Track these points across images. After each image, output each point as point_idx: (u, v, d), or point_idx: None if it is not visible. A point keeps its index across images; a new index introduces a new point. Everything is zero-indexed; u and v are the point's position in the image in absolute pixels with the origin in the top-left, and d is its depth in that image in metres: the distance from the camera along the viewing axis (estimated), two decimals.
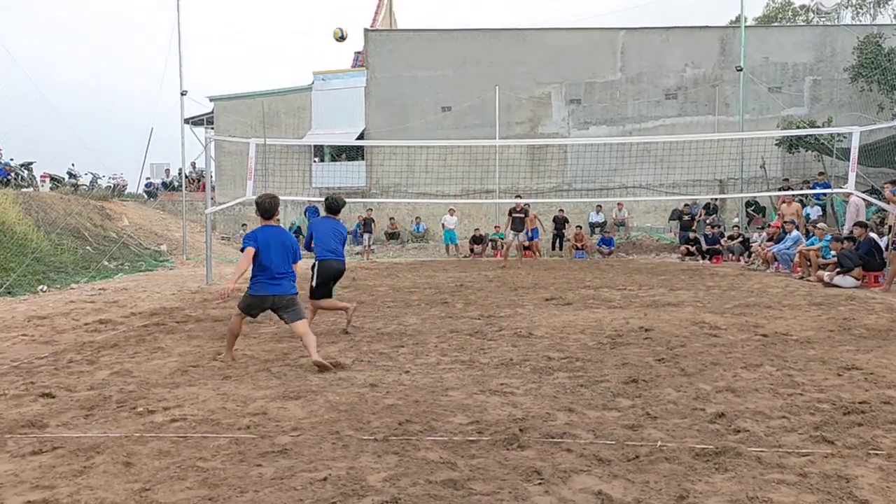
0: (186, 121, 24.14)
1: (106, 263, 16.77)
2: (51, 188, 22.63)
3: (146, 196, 28.51)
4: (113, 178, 26.94)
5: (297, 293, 6.39)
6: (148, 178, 30.06)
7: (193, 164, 28.80)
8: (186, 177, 24.64)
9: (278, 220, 6.54)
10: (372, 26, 28.56)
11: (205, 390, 5.24)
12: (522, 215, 17.88)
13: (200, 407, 4.78)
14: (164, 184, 29.55)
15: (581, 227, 21.96)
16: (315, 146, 26.14)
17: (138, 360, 6.42)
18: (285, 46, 75.14)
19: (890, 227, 12.24)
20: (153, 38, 68.85)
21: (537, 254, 21.03)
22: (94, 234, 19.01)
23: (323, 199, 9.03)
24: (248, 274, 6.25)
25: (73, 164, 25.70)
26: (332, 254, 7.84)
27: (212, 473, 3.55)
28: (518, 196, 18.83)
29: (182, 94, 21.05)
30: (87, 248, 17.61)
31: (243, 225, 26.42)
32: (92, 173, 26.24)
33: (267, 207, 6.37)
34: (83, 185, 24.98)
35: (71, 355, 6.67)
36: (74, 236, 17.74)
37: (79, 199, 21.18)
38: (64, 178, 24.72)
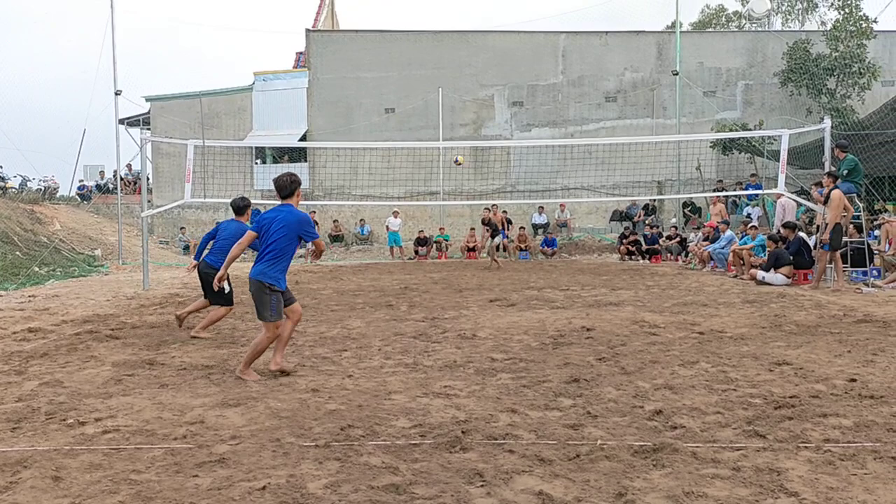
0: (121, 121, 23.47)
1: (36, 269, 16.14)
2: None
3: (79, 199, 27.57)
4: (44, 181, 26.00)
5: (265, 282, 5.71)
6: (81, 181, 29.10)
7: (129, 166, 28.01)
8: (122, 179, 23.94)
9: (298, 200, 6.04)
10: (314, 27, 28.27)
11: (140, 400, 5.09)
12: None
13: (135, 417, 4.64)
14: (98, 186, 28.63)
15: (524, 229, 22.17)
16: (256, 148, 25.73)
17: (69, 369, 6.19)
18: (224, 46, 73.69)
19: (818, 226, 12.73)
20: (85, 34, 66.57)
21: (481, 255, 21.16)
22: (24, 238, 18.28)
23: (263, 202, 8.88)
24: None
25: (0, 167, 24.74)
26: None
27: (146, 486, 3.44)
28: (486, 209, 19.05)
29: (116, 94, 20.45)
30: (17, 253, 16.92)
31: (181, 228, 25.84)
32: (21, 175, 25.33)
33: (279, 186, 5.92)
34: (12, 187, 24.06)
35: None
36: (3, 241, 17.03)
37: (7, 202, 20.35)
38: None
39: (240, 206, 7.93)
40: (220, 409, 4.80)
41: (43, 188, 25.50)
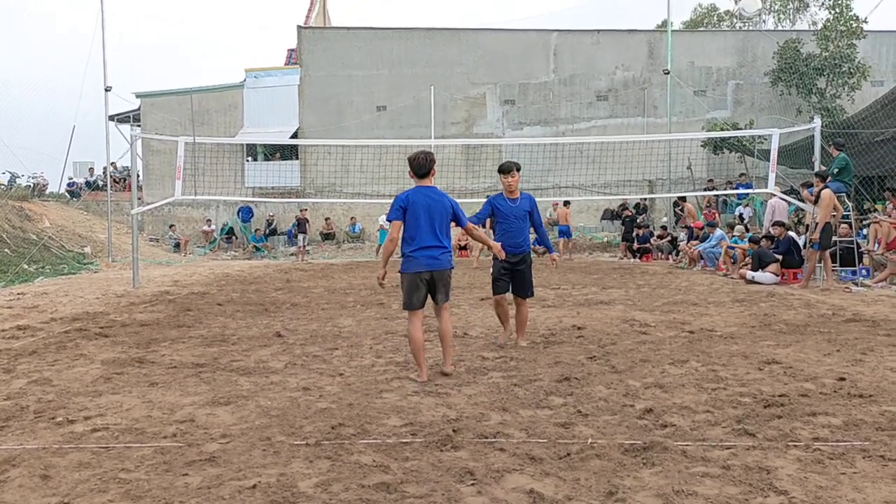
0: (111, 118, 23.35)
1: (25, 267, 16.04)
2: None
3: (69, 196, 27.42)
4: (33, 178, 25.86)
5: (453, 268, 5.74)
6: (70, 178, 28.94)
7: (114, 164, 27.80)
8: (111, 176, 23.82)
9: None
10: (305, 24, 28.18)
11: (129, 398, 5.06)
12: None
13: (124, 415, 4.62)
14: (87, 183, 28.47)
15: None
16: (247, 145, 25.65)
17: (58, 367, 6.16)
18: (215, 42, 73.40)
19: (807, 226, 12.80)
20: (75, 29, 66.15)
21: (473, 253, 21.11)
22: (13, 235, 18.17)
23: (254, 200, 8.60)
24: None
25: None
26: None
27: (135, 485, 3.42)
28: None
29: (106, 90, 20.35)
30: (5, 250, 16.81)
31: (171, 226, 25.72)
32: (10, 172, 25.17)
33: (421, 163, 5.61)
34: (0, 184, 23.88)
35: None
36: None
37: None
38: None
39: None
40: (211, 407, 4.78)
41: (32, 185, 25.37)
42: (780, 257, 12.50)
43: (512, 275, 6.77)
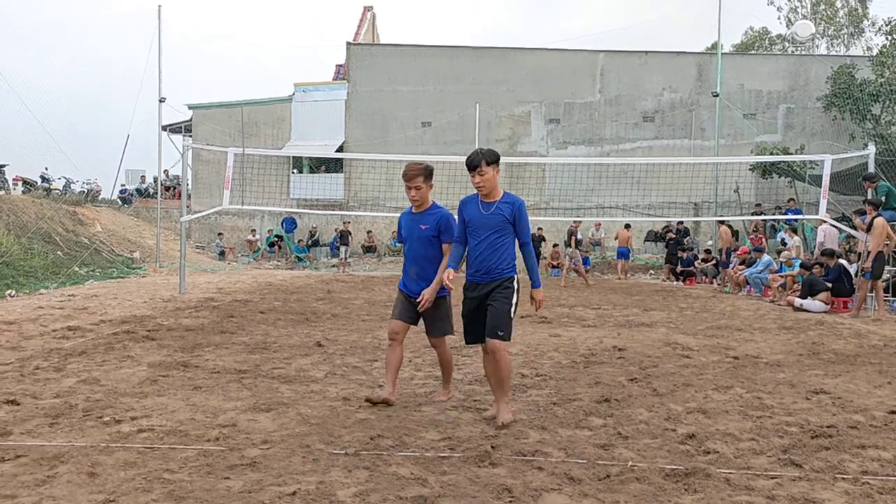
0: (164, 128, 24.00)
1: (77, 269, 16.52)
2: (23, 192, 22.30)
3: (120, 202, 28.20)
4: (87, 184, 26.65)
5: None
6: (123, 185, 29.77)
7: (166, 172, 28.48)
8: (162, 184, 24.43)
9: None
10: (354, 40, 28.63)
11: (174, 401, 5.16)
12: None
13: (169, 417, 4.71)
14: (138, 190, 29.24)
15: (557, 245, 22.08)
16: (294, 157, 26.08)
17: (106, 368, 6.31)
18: (266, 57, 74.95)
19: (859, 254, 12.47)
20: (132, 43, 68.35)
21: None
22: (66, 239, 18.73)
23: (298, 211, 8.62)
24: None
25: (46, 168, 25.44)
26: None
27: (178, 486, 3.49)
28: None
29: (160, 101, 20.92)
30: (58, 253, 17.33)
31: (220, 234, 26.21)
32: (66, 178, 25.99)
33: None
34: (56, 189, 24.68)
35: (37, 362, 6.54)
36: (45, 241, 17.46)
37: (51, 203, 20.89)
38: (37, 182, 24.40)
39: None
40: (252, 413, 4.85)
41: (86, 190, 26.14)
42: (830, 285, 12.19)
43: (480, 311, 4.97)
